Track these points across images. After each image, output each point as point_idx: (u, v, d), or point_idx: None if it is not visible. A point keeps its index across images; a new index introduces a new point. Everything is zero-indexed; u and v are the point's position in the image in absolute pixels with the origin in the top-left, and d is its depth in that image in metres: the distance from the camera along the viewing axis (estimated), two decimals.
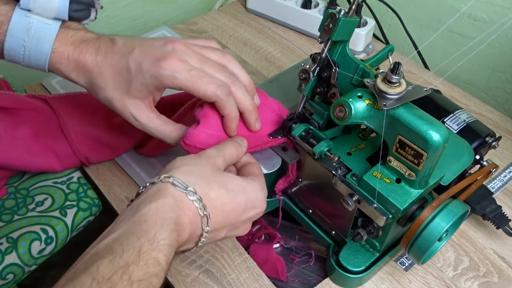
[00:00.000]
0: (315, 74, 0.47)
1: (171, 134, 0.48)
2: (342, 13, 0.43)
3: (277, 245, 0.58)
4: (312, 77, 0.47)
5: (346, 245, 0.51)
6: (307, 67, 0.47)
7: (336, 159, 0.45)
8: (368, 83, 0.41)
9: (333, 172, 0.45)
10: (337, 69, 0.46)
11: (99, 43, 0.45)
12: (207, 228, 0.38)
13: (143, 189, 0.39)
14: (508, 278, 0.53)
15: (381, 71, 0.41)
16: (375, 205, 0.42)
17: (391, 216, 0.42)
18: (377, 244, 0.50)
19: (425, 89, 0.40)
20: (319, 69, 0.47)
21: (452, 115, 0.53)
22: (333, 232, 0.52)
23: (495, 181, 0.63)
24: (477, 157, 0.50)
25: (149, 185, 0.38)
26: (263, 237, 0.59)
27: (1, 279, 0.52)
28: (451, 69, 0.78)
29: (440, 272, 0.54)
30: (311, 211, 0.54)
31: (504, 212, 0.54)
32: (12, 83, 0.67)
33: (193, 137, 0.45)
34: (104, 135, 0.61)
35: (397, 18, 0.83)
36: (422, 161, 0.39)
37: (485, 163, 0.51)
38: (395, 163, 0.42)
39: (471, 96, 0.77)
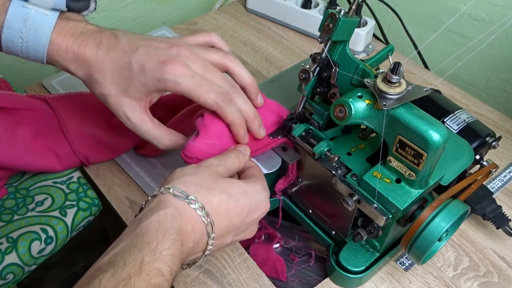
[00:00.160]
0: (315, 74, 0.47)
1: (162, 139, 0.47)
2: (342, 13, 0.43)
3: (277, 245, 0.58)
4: (312, 77, 0.47)
5: (346, 245, 0.51)
6: (307, 67, 0.47)
7: (336, 159, 0.45)
8: (368, 83, 0.41)
9: (333, 172, 0.45)
10: (337, 69, 0.46)
11: (101, 37, 0.44)
12: (213, 234, 0.38)
13: (144, 203, 0.39)
14: (508, 278, 0.53)
15: (381, 71, 0.41)
16: (375, 205, 0.42)
17: (391, 216, 0.42)
18: (377, 244, 0.50)
19: (425, 89, 0.40)
20: (319, 69, 0.47)
21: (452, 115, 0.53)
22: (333, 232, 0.52)
23: (495, 181, 0.63)
24: (477, 157, 0.50)
25: (150, 198, 0.38)
26: (263, 237, 0.59)
27: (1, 279, 0.52)
28: (451, 69, 0.78)
29: (440, 272, 0.54)
30: (311, 211, 0.54)
31: (504, 212, 0.54)
32: (12, 83, 0.67)
33: (193, 148, 0.45)
34: (104, 135, 0.61)
35: (397, 18, 0.83)
36: (422, 161, 0.39)
37: (485, 163, 0.51)
38: (395, 163, 0.42)
39: (471, 96, 0.77)
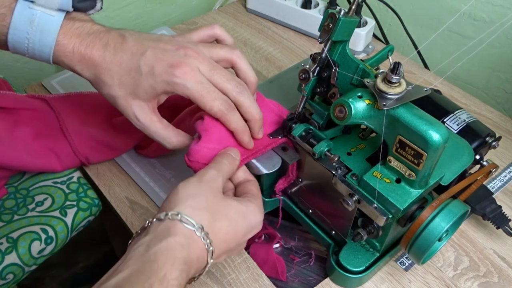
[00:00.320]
0: (315, 74, 0.47)
1: (170, 139, 0.48)
2: (342, 13, 0.43)
3: (277, 245, 0.58)
4: (312, 77, 0.47)
5: (346, 245, 0.51)
6: (307, 67, 0.47)
7: (336, 159, 0.45)
8: (368, 83, 0.41)
9: (333, 172, 0.45)
10: (337, 69, 0.46)
11: (108, 38, 0.44)
12: (211, 260, 0.39)
13: (149, 224, 0.38)
14: (508, 278, 0.53)
15: (381, 71, 0.41)
16: (375, 205, 0.42)
17: (391, 216, 0.42)
18: (377, 244, 0.50)
19: (425, 89, 0.40)
20: (319, 69, 0.47)
21: (452, 115, 0.53)
22: (333, 232, 0.52)
23: (495, 181, 0.63)
24: (477, 157, 0.50)
25: (155, 221, 0.38)
26: (263, 237, 0.59)
27: (1, 279, 0.52)
28: (451, 69, 0.78)
29: (440, 272, 0.54)
30: (311, 211, 0.54)
31: (504, 212, 0.54)
32: (12, 83, 0.67)
33: (196, 153, 0.45)
34: (104, 135, 0.61)
35: (397, 18, 0.83)
36: (422, 161, 0.39)
37: (485, 163, 0.51)
38: (395, 163, 0.42)
39: (471, 96, 0.77)
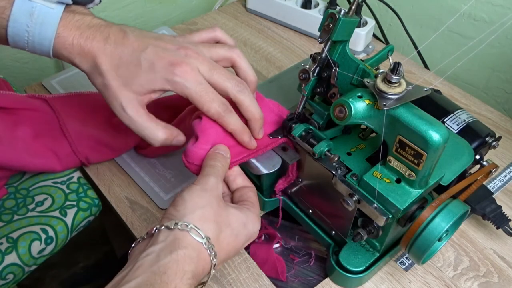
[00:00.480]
0: (315, 74, 0.47)
1: (155, 132, 0.46)
2: (342, 13, 0.43)
3: (277, 245, 0.58)
4: (312, 77, 0.47)
5: (346, 245, 0.51)
6: (307, 67, 0.47)
7: (336, 159, 0.45)
8: (368, 83, 0.41)
9: (333, 172, 0.45)
10: (337, 69, 0.46)
11: (109, 32, 0.44)
12: (213, 271, 0.39)
13: (156, 231, 0.38)
14: (508, 278, 0.53)
15: (381, 71, 0.41)
16: (375, 205, 0.42)
17: (391, 216, 0.42)
18: (377, 244, 0.50)
19: (425, 89, 0.40)
20: (319, 69, 0.47)
21: (452, 115, 0.53)
22: (333, 232, 0.52)
23: (495, 181, 0.63)
24: (477, 157, 0.50)
25: (164, 228, 0.38)
26: (263, 237, 0.59)
27: (1, 279, 0.52)
28: (451, 69, 0.78)
29: (440, 272, 0.54)
30: (311, 211, 0.54)
31: (504, 212, 0.54)
32: (12, 83, 0.67)
33: (193, 154, 0.45)
34: (104, 135, 0.61)
35: (397, 18, 0.83)
36: (422, 161, 0.39)
37: (485, 163, 0.51)
38: (395, 163, 0.42)
39: (471, 96, 0.77)
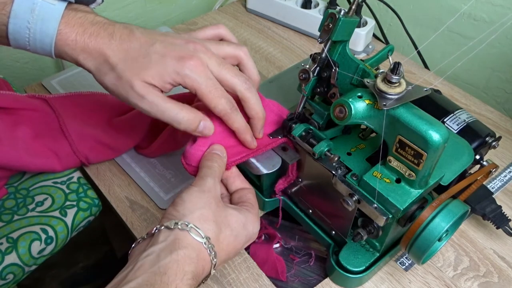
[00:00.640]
0: (315, 74, 0.47)
1: (180, 113, 0.44)
2: (342, 13, 0.43)
3: (277, 245, 0.58)
4: (312, 77, 0.47)
5: (346, 245, 0.51)
6: (307, 67, 0.47)
7: (336, 159, 0.45)
8: (368, 83, 0.41)
9: (333, 172, 0.45)
10: (337, 69, 0.46)
11: (113, 29, 0.44)
12: (213, 271, 0.39)
13: (156, 231, 0.38)
14: (508, 278, 0.53)
15: (381, 71, 0.41)
16: (375, 205, 0.42)
17: (391, 216, 0.42)
18: (377, 244, 0.50)
19: (425, 89, 0.40)
20: (319, 69, 0.47)
21: (452, 115, 0.53)
22: (333, 232, 0.52)
23: (495, 181, 0.63)
24: (477, 157, 0.50)
25: (164, 228, 0.38)
26: (263, 237, 0.59)
27: (1, 279, 0.52)
28: (451, 69, 0.78)
29: (440, 272, 0.54)
30: (311, 211, 0.54)
31: (504, 212, 0.54)
32: (12, 83, 0.67)
33: (191, 156, 0.46)
34: (104, 135, 0.61)
35: (397, 18, 0.83)
36: (422, 161, 0.39)
37: (485, 163, 0.51)
38: (395, 163, 0.42)
39: (471, 96, 0.77)
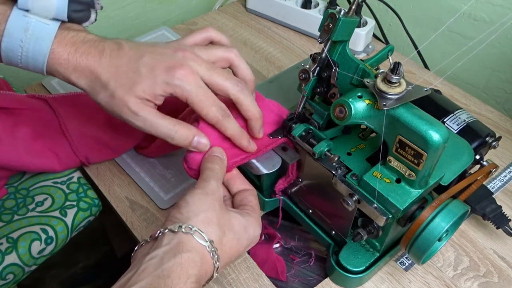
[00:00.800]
0: (315, 74, 0.47)
1: (172, 129, 0.44)
2: (342, 13, 0.43)
3: (277, 245, 0.58)
4: (312, 77, 0.47)
5: (346, 245, 0.51)
6: (307, 67, 0.47)
7: (336, 159, 0.45)
8: (368, 83, 0.41)
9: (333, 172, 0.45)
10: (337, 69, 0.46)
11: (103, 46, 0.44)
12: (216, 274, 0.39)
13: (160, 234, 0.38)
14: (508, 278, 0.53)
15: (381, 71, 0.41)
16: (375, 205, 0.42)
17: (391, 216, 0.42)
18: (377, 244, 0.50)
19: (425, 89, 0.40)
20: (319, 69, 0.47)
21: (452, 115, 0.53)
22: (333, 232, 0.52)
23: (495, 181, 0.63)
24: (477, 157, 0.50)
25: (168, 232, 0.38)
26: (263, 237, 0.59)
27: (1, 279, 0.52)
28: (451, 69, 0.78)
29: (440, 272, 0.54)
30: (311, 211, 0.54)
31: (504, 212, 0.54)
32: (12, 83, 0.67)
33: (191, 160, 0.46)
34: (104, 135, 0.61)
35: (397, 18, 0.83)
36: (422, 161, 0.39)
37: (485, 163, 0.51)
38: (395, 163, 0.42)
39: (471, 96, 0.77)
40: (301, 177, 0.53)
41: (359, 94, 0.41)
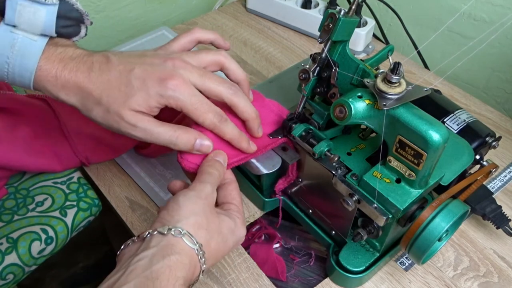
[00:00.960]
0: (315, 74, 0.47)
1: (173, 135, 0.44)
2: (342, 13, 0.43)
3: (277, 245, 0.58)
4: (312, 77, 0.47)
5: (346, 245, 0.51)
6: (307, 67, 0.47)
7: (336, 159, 0.45)
8: (368, 83, 0.41)
9: (333, 172, 0.45)
10: (337, 69, 0.46)
11: (92, 61, 0.43)
12: (201, 276, 0.39)
13: (148, 235, 0.38)
14: (508, 278, 0.53)
15: (381, 71, 0.41)
16: (375, 205, 0.42)
17: (391, 216, 0.42)
18: (377, 244, 0.50)
19: (425, 89, 0.40)
20: (319, 69, 0.47)
21: (452, 115, 0.53)
22: (333, 232, 0.52)
23: (495, 181, 0.63)
24: (477, 157, 0.50)
25: (157, 233, 0.38)
26: (263, 237, 0.59)
27: (1, 279, 0.52)
28: (451, 69, 0.78)
29: (440, 272, 0.54)
30: (311, 211, 0.54)
31: (504, 212, 0.54)
32: None
33: (190, 158, 0.45)
34: (104, 135, 0.61)
35: (397, 18, 0.83)
36: (422, 161, 0.39)
37: (485, 163, 0.51)
38: (395, 163, 0.42)
39: (471, 96, 0.77)
40: (301, 177, 0.53)
41: (359, 94, 0.41)
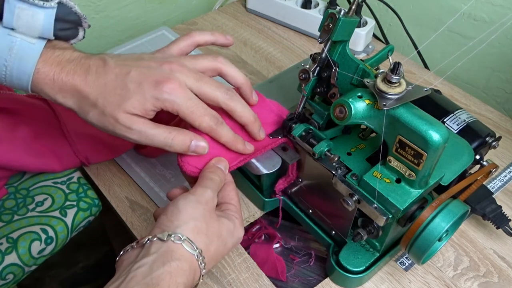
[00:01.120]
0: (315, 74, 0.47)
1: (168, 137, 0.44)
2: (342, 13, 0.43)
3: (277, 245, 0.58)
4: (312, 77, 0.47)
5: (346, 245, 0.51)
6: (307, 67, 0.47)
7: (336, 159, 0.45)
8: (368, 83, 0.41)
9: (333, 172, 0.45)
10: (337, 69, 0.46)
11: (89, 64, 0.43)
12: (201, 280, 0.40)
13: (148, 241, 0.38)
14: (508, 278, 0.53)
15: (381, 71, 0.41)
16: (375, 205, 0.42)
17: (391, 216, 0.42)
18: (377, 244, 0.50)
19: (425, 89, 0.40)
20: (319, 69, 0.47)
21: (452, 115, 0.53)
22: (333, 232, 0.52)
23: (495, 181, 0.63)
24: (477, 157, 0.50)
25: (156, 239, 0.38)
26: (263, 237, 0.59)
27: (1, 279, 0.52)
28: (451, 69, 0.78)
29: (440, 272, 0.54)
30: (311, 211, 0.54)
31: (504, 212, 0.54)
32: None
33: (191, 161, 0.45)
34: (104, 135, 0.60)
35: (397, 18, 0.83)
36: (422, 161, 0.39)
37: (485, 163, 0.51)
38: (395, 163, 0.42)
39: (471, 96, 0.77)
40: (301, 177, 0.53)
41: (359, 94, 0.41)
